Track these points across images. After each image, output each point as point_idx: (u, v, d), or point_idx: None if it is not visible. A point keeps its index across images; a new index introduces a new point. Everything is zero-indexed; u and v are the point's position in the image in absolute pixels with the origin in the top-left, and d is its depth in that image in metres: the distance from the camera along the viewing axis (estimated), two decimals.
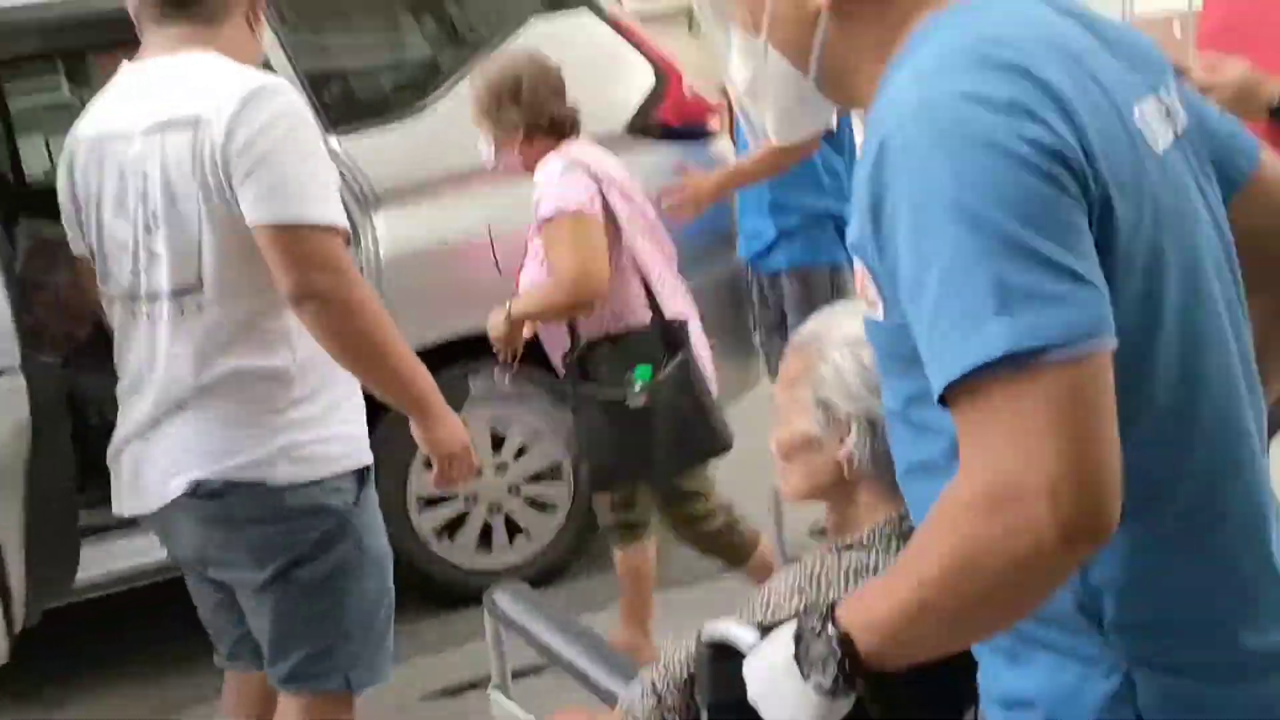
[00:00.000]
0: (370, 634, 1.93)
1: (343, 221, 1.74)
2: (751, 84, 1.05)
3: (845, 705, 0.93)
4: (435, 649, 3.05)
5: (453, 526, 3.19)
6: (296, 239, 1.68)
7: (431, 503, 3.15)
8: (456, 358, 2.89)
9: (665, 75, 3.09)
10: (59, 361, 2.18)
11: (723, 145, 3.35)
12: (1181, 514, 0.92)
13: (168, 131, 1.72)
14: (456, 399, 2.18)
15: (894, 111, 0.86)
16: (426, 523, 3.15)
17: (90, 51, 4.26)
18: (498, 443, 3.17)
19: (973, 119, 0.83)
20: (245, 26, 1.85)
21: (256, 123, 1.67)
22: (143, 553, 2.72)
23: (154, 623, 3.07)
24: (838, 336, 1.33)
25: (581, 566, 3.33)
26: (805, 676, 0.92)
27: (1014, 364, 0.79)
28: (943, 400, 0.83)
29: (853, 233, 0.92)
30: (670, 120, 2.99)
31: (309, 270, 1.68)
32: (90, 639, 3.22)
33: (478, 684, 2.86)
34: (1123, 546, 0.89)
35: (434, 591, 3.18)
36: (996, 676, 1.01)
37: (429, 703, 2.88)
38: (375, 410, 2.20)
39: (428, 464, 3.00)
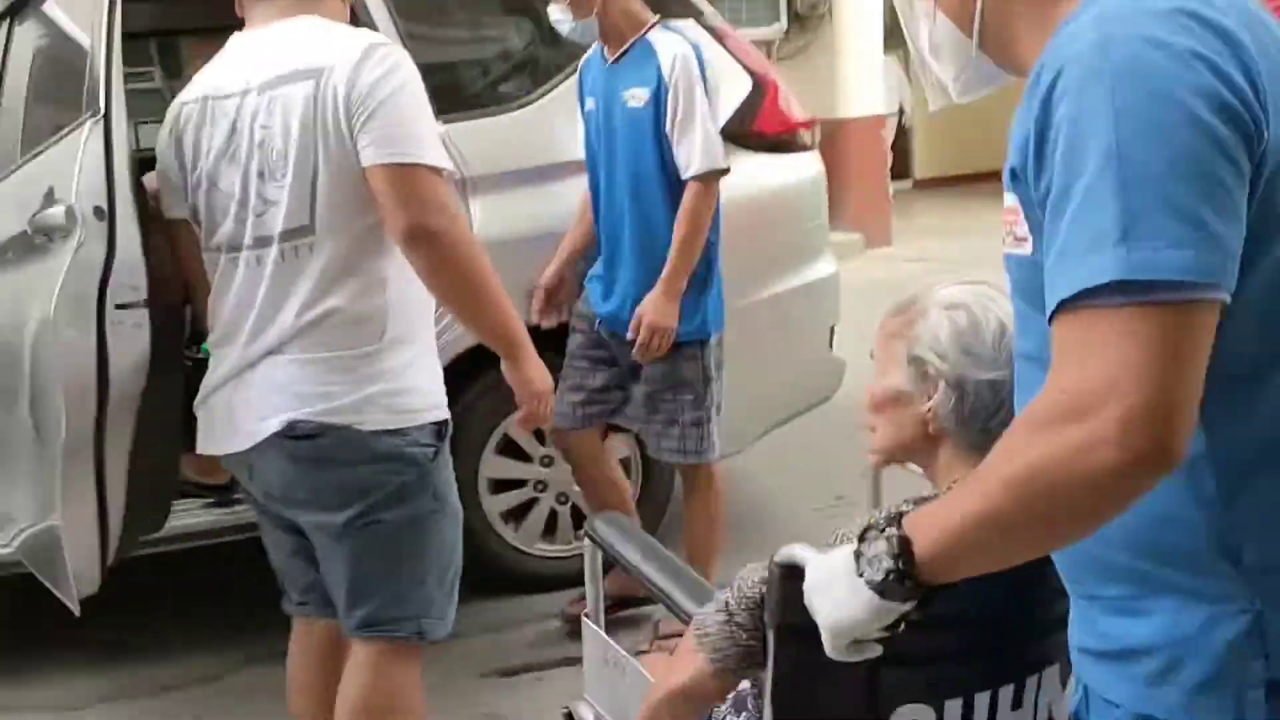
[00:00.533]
0: (443, 585, 1.98)
1: (450, 166, 1.86)
2: (930, 46, 1.11)
3: (892, 609, 0.96)
4: (494, 629, 3.09)
5: (520, 512, 3.25)
6: (413, 178, 1.78)
7: (501, 487, 3.21)
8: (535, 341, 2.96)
9: (763, 86, 3.15)
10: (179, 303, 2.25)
11: (813, 160, 3.41)
12: None
13: (289, 83, 1.83)
14: None
15: (1072, 48, 0.91)
16: (495, 506, 3.21)
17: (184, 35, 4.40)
18: None
19: (1148, 62, 0.87)
20: (339, 2, 1.97)
21: (377, 72, 1.79)
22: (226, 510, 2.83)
23: (233, 580, 3.15)
24: (938, 298, 1.39)
25: None
26: (859, 573, 0.96)
27: (1123, 293, 0.84)
28: (1052, 320, 0.88)
29: (1013, 159, 0.95)
30: (765, 130, 3.04)
31: (424, 209, 1.78)
32: (172, 594, 3.32)
33: (532, 667, 2.92)
34: (1266, 487, 0.94)
35: (496, 573, 3.23)
36: (1098, 629, 1.01)
37: (484, 682, 2.91)
38: (450, 397, 2.28)
39: (498, 449, 3.13)
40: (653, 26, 2.75)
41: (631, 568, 1.70)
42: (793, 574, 1.11)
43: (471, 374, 2.99)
